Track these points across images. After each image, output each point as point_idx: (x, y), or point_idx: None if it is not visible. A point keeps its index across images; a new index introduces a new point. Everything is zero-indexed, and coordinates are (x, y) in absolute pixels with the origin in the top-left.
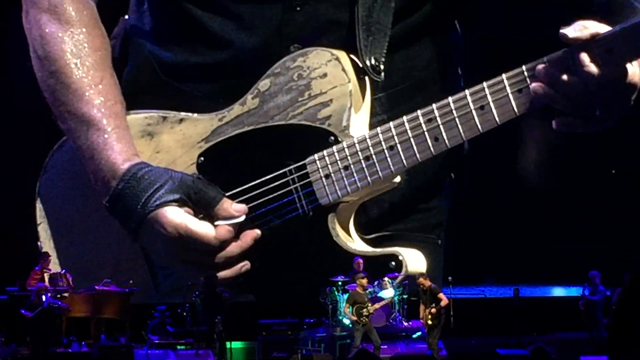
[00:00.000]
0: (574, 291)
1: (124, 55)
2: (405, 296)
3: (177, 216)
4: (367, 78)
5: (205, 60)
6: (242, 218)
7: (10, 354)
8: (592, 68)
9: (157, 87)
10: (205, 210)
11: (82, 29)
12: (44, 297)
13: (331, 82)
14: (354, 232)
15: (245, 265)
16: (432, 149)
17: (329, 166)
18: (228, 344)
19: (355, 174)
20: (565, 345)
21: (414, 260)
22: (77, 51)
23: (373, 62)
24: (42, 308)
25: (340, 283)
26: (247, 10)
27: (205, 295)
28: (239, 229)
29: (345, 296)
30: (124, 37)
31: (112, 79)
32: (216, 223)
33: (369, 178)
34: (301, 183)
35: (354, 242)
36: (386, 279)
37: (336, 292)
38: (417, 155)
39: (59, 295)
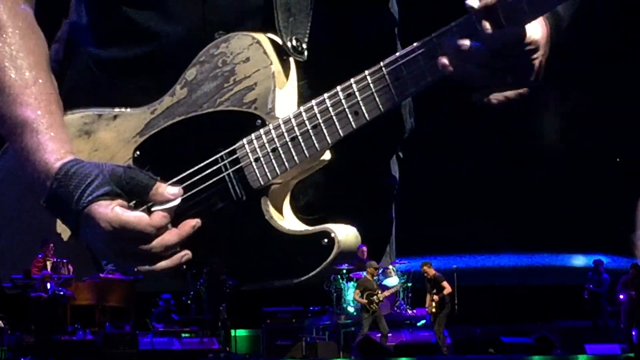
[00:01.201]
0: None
1: (67, 57)
2: (409, 284)
3: (109, 209)
4: (291, 59)
5: (135, 53)
6: (178, 201)
7: (15, 342)
8: (494, 29)
9: (94, 85)
10: (141, 197)
11: (15, 32)
12: (48, 285)
13: (254, 66)
14: (290, 213)
15: (185, 254)
16: (352, 123)
17: (258, 149)
18: (232, 332)
19: (282, 155)
20: (569, 333)
21: (347, 236)
22: (9, 55)
23: (294, 42)
24: (47, 296)
25: (344, 271)
26: (170, 0)
27: (210, 283)
28: (177, 220)
29: (350, 284)
30: (66, 40)
31: (48, 80)
32: (152, 209)
33: (295, 158)
34: (233, 169)
35: (287, 222)
36: (390, 267)
37: (340, 280)
38: (339, 130)
39: (63, 283)
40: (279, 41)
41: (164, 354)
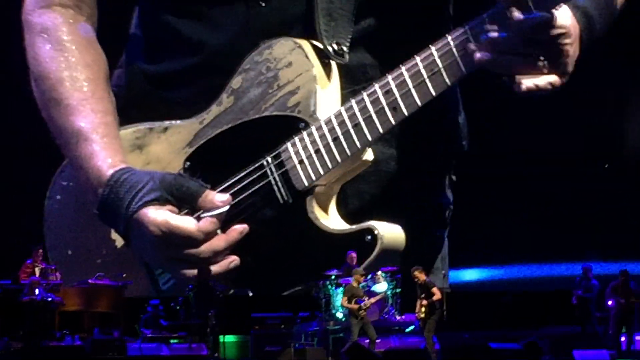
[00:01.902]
0: (612, 267)
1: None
2: (398, 290)
3: (158, 214)
4: (332, 62)
5: (182, 65)
6: (227, 208)
7: (3, 348)
8: (525, 16)
9: (146, 100)
10: (190, 205)
11: (73, 47)
12: (37, 291)
13: (296, 70)
14: (335, 214)
15: (234, 260)
16: (391, 119)
17: (301, 151)
18: (221, 338)
19: (325, 156)
20: (558, 339)
21: (391, 234)
22: (68, 68)
23: (335, 46)
24: (36, 302)
25: (333, 277)
26: (214, 10)
27: (198, 289)
28: (226, 227)
29: (339, 290)
30: (126, 64)
31: (105, 93)
32: (201, 215)
33: (338, 157)
34: (279, 172)
35: (332, 222)
36: (379, 272)
37: (329, 286)
38: (379, 127)
39: (51, 289)
40: (320, 46)
41: None
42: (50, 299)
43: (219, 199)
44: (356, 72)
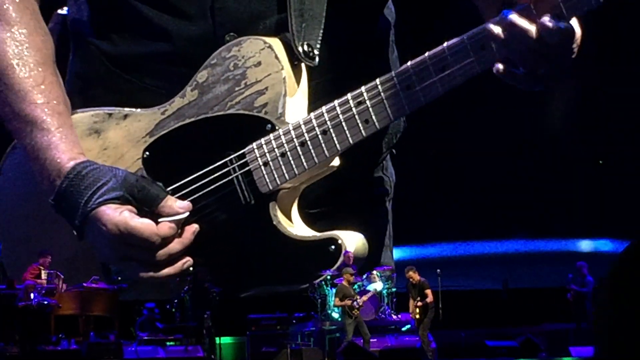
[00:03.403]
0: (602, 244)
1: (62, 51)
2: (394, 289)
3: (117, 213)
4: (302, 64)
5: (146, 50)
6: (186, 215)
7: None
8: (552, 24)
9: (107, 80)
10: (149, 208)
11: (23, 29)
12: (32, 295)
13: (265, 70)
14: (297, 219)
15: (187, 261)
16: (362, 131)
17: (267, 154)
18: (217, 340)
19: (292, 161)
20: (554, 336)
21: (353, 242)
22: (18, 52)
23: (306, 48)
24: (32, 306)
25: (329, 277)
26: (182, 0)
27: (194, 291)
28: (182, 224)
29: (335, 290)
30: (59, 32)
31: (55, 78)
32: (159, 220)
33: (305, 164)
34: (241, 172)
35: (295, 228)
36: (375, 272)
37: (325, 287)
38: (349, 138)
39: (50, 293)
40: (291, 46)
41: None
42: (46, 303)
43: (179, 205)
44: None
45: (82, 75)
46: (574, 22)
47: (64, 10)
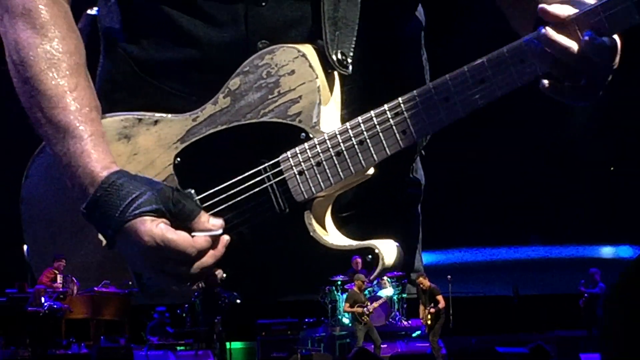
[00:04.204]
0: (623, 251)
1: (90, 52)
2: (404, 295)
3: (154, 226)
4: (335, 72)
5: (177, 56)
6: (219, 232)
7: (10, 356)
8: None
9: (134, 84)
10: (183, 223)
11: (56, 33)
12: (43, 299)
13: (299, 79)
14: (331, 226)
15: (219, 273)
16: (400, 142)
17: (302, 163)
18: (228, 344)
19: (327, 170)
20: (565, 343)
21: (390, 252)
22: (51, 57)
23: (340, 56)
24: (43, 310)
25: (339, 282)
26: (213, 6)
27: (205, 296)
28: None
29: (345, 295)
30: (88, 34)
31: (87, 84)
32: (193, 234)
33: (341, 173)
34: (276, 180)
35: (330, 236)
36: (385, 278)
37: (335, 292)
38: (387, 149)
39: (61, 297)
40: (324, 54)
41: None
42: (57, 307)
43: (213, 222)
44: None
45: (109, 78)
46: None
47: (93, 11)
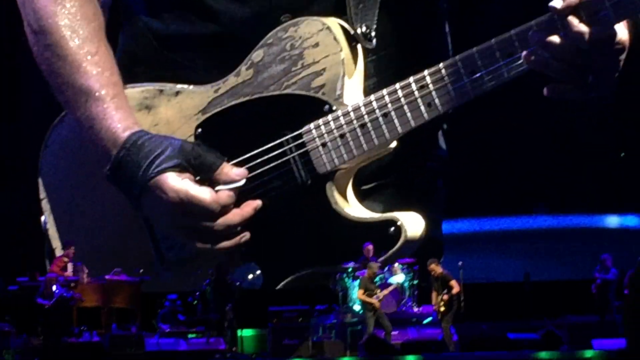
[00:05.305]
0: (630, 220)
1: (113, 25)
2: (415, 282)
3: (177, 181)
4: (358, 45)
5: (198, 30)
6: (242, 182)
7: (22, 345)
8: (582, 28)
9: (153, 58)
10: (206, 175)
11: (74, 1)
12: (54, 287)
13: (323, 51)
14: (353, 198)
15: (244, 236)
16: (425, 115)
17: (325, 135)
18: (239, 332)
19: (351, 142)
20: (576, 328)
21: (413, 224)
22: (70, 23)
23: (364, 29)
24: (56, 298)
25: (350, 270)
26: None
27: (216, 283)
28: (239, 200)
29: (356, 282)
30: (110, 7)
31: (107, 49)
32: (217, 188)
33: (364, 145)
34: (298, 152)
35: (352, 208)
36: (396, 264)
37: (346, 279)
38: (411, 121)
39: (72, 284)
40: (348, 27)
41: (171, 355)
42: (68, 296)
43: (236, 172)
44: (378, 57)
45: (129, 51)
46: (621, 28)
47: None
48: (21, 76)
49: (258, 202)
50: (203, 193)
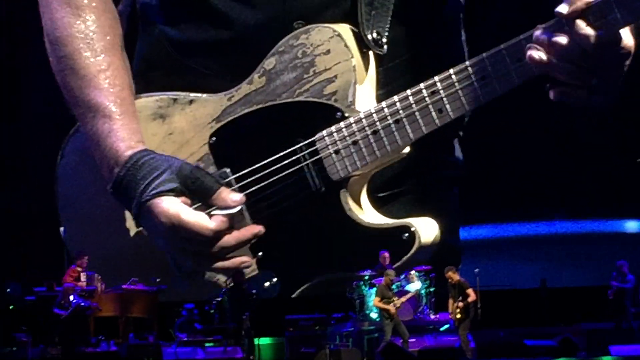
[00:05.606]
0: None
1: (131, 33)
2: (432, 289)
3: (171, 205)
4: (370, 52)
5: (212, 37)
6: (239, 208)
7: (39, 355)
8: (589, 31)
9: (168, 64)
10: (203, 200)
11: (91, 13)
12: (71, 297)
13: (334, 58)
14: (367, 205)
15: (245, 262)
16: (436, 120)
17: (338, 142)
18: (256, 340)
19: (363, 149)
20: (593, 335)
21: (427, 230)
22: (85, 36)
23: (375, 35)
24: (74, 308)
25: (367, 277)
26: None
27: (233, 292)
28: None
29: (372, 290)
30: (129, 15)
31: (122, 63)
32: (212, 213)
33: (377, 152)
34: (312, 160)
35: (366, 215)
36: (413, 272)
37: (363, 287)
38: (423, 127)
39: (85, 295)
40: (360, 33)
41: None
42: (86, 305)
43: (233, 198)
44: (390, 64)
45: (146, 58)
46: (626, 33)
47: None
48: (21, 76)
49: (260, 228)
50: (195, 218)
